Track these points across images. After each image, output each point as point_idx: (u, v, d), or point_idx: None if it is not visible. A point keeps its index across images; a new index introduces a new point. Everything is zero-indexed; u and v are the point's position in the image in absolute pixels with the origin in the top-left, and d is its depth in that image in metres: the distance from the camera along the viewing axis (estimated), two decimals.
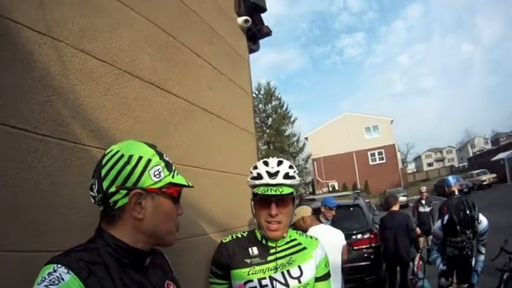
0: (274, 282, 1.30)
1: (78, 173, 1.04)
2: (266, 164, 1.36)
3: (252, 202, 1.38)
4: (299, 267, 1.35)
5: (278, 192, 1.30)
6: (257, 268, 1.33)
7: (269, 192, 1.30)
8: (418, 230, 6.12)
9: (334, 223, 4.82)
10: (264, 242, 1.39)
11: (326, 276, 1.42)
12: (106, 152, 0.91)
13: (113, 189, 0.85)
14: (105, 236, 0.85)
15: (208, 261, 1.41)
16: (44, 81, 1.05)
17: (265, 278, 1.31)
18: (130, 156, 0.87)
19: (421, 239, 6.10)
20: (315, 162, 37.41)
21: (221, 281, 1.37)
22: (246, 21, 2.38)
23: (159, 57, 1.50)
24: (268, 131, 34.94)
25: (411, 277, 5.10)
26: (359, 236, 5.61)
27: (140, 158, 0.87)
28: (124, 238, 0.86)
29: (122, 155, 0.87)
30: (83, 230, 0.92)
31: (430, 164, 68.72)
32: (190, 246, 1.44)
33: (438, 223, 3.64)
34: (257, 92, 35.35)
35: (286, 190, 1.32)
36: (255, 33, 2.65)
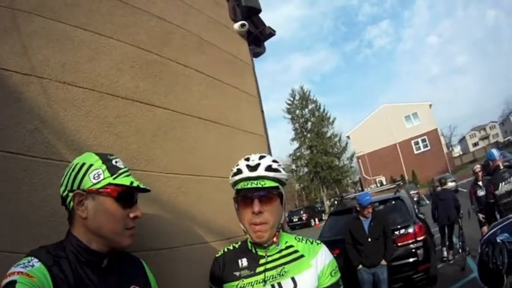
0: None
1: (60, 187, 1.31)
2: (247, 159, 1.37)
3: (235, 204, 1.37)
4: (292, 279, 1.31)
5: (259, 185, 1.29)
6: (246, 281, 1.32)
7: (249, 186, 1.30)
8: (480, 216, 5.95)
9: (375, 219, 4.84)
10: (253, 251, 1.38)
11: (334, 287, 1.36)
12: None
13: (65, 193, 1.12)
14: (70, 235, 1.11)
15: (208, 272, 1.50)
16: (32, 113, 1.38)
17: None
18: (76, 164, 1.13)
19: (484, 228, 5.51)
20: (359, 160, 39.39)
21: None
22: (242, 25, 2.61)
23: (141, 75, 1.79)
24: (308, 135, 37.34)
25: (461, 231, 7.00)
26: (402, 231, 5.49)
27: (83, 164, 1.12)
28: (80, 237, 1.09)
29: (72, 164, 1.14)
30: (63, 234, 1.16)
31: (475, 144, 68.97)
32: (185, 256, 1.62)
33: None
34: (292, 99, 38.28)
35: (270, 183, 1.31)
36: (258, 36, 2.85)
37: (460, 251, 6.94)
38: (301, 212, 27.78)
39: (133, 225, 1.17)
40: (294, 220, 26.92)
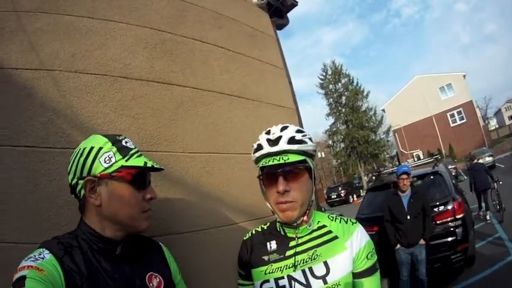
0: (293, 282, 1.11)
1: None
2: (268, 132, 1.17)
3: (260, 183, 1.19)
4: (325, 263, 1.12)
5: (282, 161, 1.09)
6: (274, 266, 1.15)
7: (271, 163, 1.10)
8: None
9: (415, 195, 4.33)
10: (282, 232, 1.20)
11: (370, 271, 1.16)
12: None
13: (74, 181, 0.98)
14: (81, 224, 0.99)
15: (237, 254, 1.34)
16: (44, 106, 1.30)
17: (282, 278, 1.13)
18: (84, 149, 0.99)
19: None
20: (396, 134, 36.82)
21: (246, 281, 1.23)
22: None
23: (155, 55, 1.64)
24: (343, 110, 34.88)
25: (497, 192, 8.37)
26: (441, 207, 4.82)
27: (92, 148, 0.98)
28: (93, 225, 0.97)
29: (79, 149, 1.00)
30: None
31: (511, 117, 60.52)
32: (211, 239, 1.46)
33: None
34: (324, 74, 35.85)
35: (294, 158, 1.10)
36: (279, 8, 2.61)
37: (498, 207, 8.29)
38: (340, 189, 26.42)
39: (149, 207, 1.03)
40: (333, 197, 25.81)
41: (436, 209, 4.83)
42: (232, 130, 1.75)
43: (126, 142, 1.03)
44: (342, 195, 25.57)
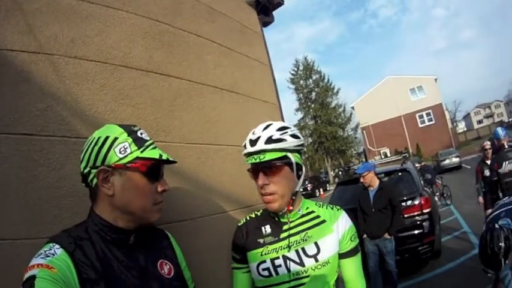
0: (287, 261, 1.17)
1: (79, 164, 1.12)
2: (254, 132, 1.21)
3: (250, 176, 1.24)
4: (315, 243, 1.19)
5: (258, 160, 1.13)
6: (270, 247, 1.20)
7: (250, 161, 1.16)
8: (480, 199, 5.20)
9: (381, 190, 4.39)
10: (276, 218, 1.25)
11: (353, 252, 1.24)
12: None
13: (87, 170, 0.91)
14: (92, 214, 0.92)
15: (230, 241, 1.33)
16: (43, 91, 1.17)
17: (278, 258, 1.18)
18: (99, 138, 0.92)
19: (488, 211, 5.06)
20: (364, 131, 36.21)
21: (240, 265, 1.26)
22: None
23: (154, 45, 1.54)
24: (313, 105, 34.28)
25: (441, 188, 10.76)
26: (409, 202, 5.03)
27: (107, 137, 0.92)
28: (105, 215, 0.91)
29: (93, 138, 0.93)
30: (86, 215, 0.98)
31: (479, 121, 63.78)
32: (206, 226, 1.43)
33: None
34: (296, 69, 35.14)
35: (270, 156, 1.13)
36: (266, 5, 2.54)
37: (445, 195, 10.37)
38: (306, 182, 25.35)
39: (161, 200, 0.98)
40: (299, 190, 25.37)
41: (403, 204, 4.93)
42: (224, 123, 1.70)
43: (141, 133, 0.98)
44: (309, 189, 24.80)
